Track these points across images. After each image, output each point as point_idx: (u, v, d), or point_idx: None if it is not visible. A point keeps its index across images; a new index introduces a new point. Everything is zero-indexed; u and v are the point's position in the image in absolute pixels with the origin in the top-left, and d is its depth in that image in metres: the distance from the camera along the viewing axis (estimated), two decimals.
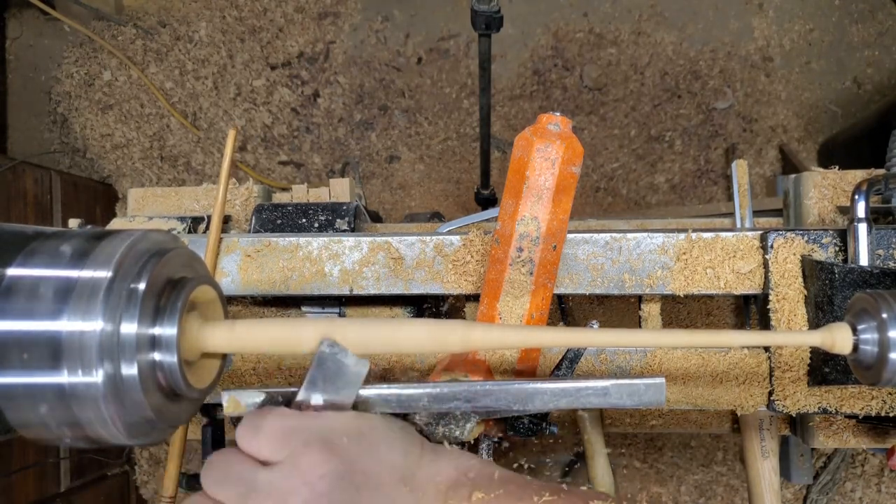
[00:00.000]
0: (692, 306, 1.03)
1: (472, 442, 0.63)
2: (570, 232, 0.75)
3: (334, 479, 0.43)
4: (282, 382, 0.82)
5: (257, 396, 0.51)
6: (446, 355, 0.67)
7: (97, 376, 0.41)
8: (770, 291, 0.73)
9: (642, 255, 0.76)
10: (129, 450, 2.06)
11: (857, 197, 0.70)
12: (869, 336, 0.52)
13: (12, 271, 0.42)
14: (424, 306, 0.93)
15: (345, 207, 0.91)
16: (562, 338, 0.53)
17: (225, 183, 0.86)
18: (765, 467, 0.94)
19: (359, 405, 0.51)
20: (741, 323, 0.99)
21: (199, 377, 0.49)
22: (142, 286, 0.43)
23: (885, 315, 0.51)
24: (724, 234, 0.76)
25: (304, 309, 0.89)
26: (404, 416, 0.54)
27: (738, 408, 0.76)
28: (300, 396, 0.48)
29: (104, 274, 0.42)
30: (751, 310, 0.86)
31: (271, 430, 0.46)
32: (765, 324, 0.75)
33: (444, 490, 0.47)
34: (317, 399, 0.48)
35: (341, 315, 0.89)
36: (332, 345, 0.47)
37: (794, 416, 0.93)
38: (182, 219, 0.93)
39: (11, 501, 1.63)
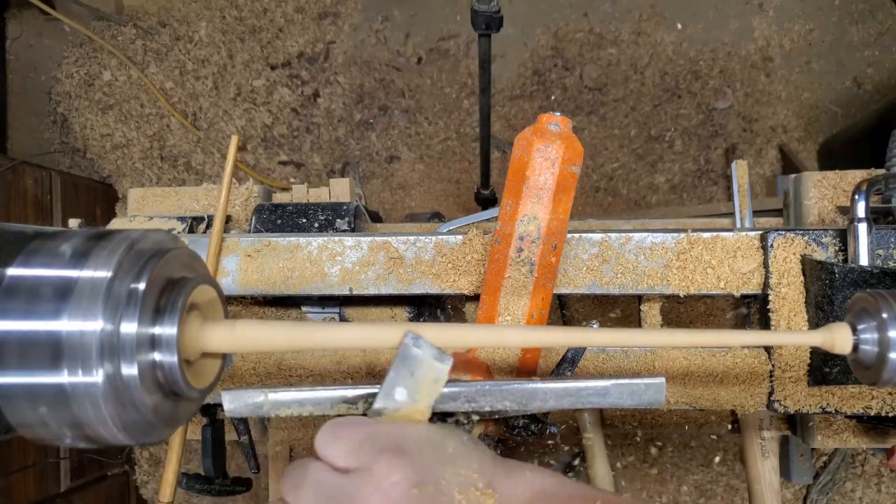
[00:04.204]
0: (692, 306, 1.03)
1: None
2: (570, 232, 0.75)
3: (407, 487, 0.43)
4: (281, 382, 0.82)
5: (258, 396, 0.51)
6: None
7: (97, 376, 0.41)
8: (770, 291, 0.73)
9: (642, 254, 0.76)
10: (129, 450, 2.06)
11: (857, 197, 0.70)
12: (869, 336, 0.52)
13: (12, 271, 0.42)
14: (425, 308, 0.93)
15: (345, 207, 0.91)
16: (562, 338, 0.53)
17: (227, 187, 0.86)
18: (765, 467, 0.94)
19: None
20: (741, 323, 0.99)
21: (199, 377, 0.49)
22: (142, 286, 0.43)
23: (885, 315, 0.51)
24: (724, 234, 0.76)
25: (304, 309, 0.89)
26: None
27: (738, 408, 0.76)
28: (381, 394, 0.48)
29: (104, 274, 0.42)
30: (751, 310, 0.86)
31: (346, 438, 0.46)
32: (765, 324, 0.75)
33: None
34: (401, 394, 0.48)
35: (341, 315, 0.89)
36: (416, 338, 0.47)
37: (793, 415, 0.93)
38: (182, 219, 0.93)
39: (11, 501, 1.63)
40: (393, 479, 0.43)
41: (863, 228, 0.69)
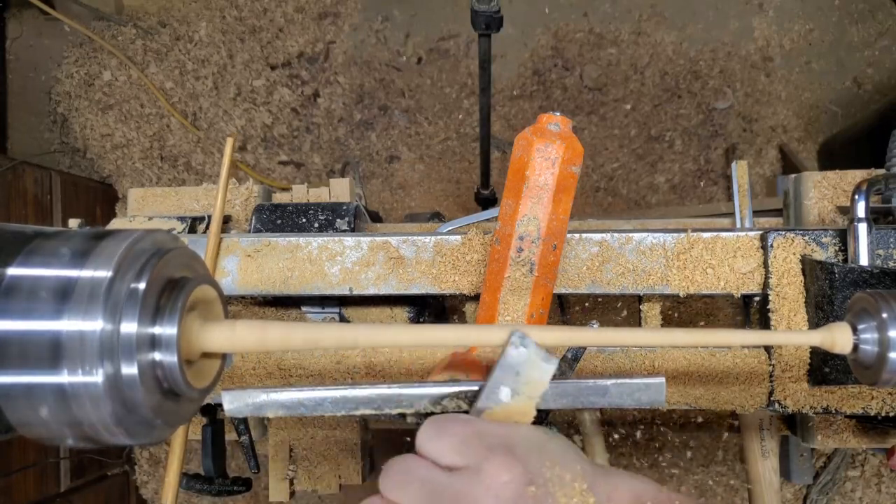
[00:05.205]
0: (692, 306, 1.03)
1: None
2: (570, 232, 0.75)
3: (520, 487, 0.43)
4: (281, 382, 0.82)
5: (258, 396, 0.51)
6: (446, 355, 0.67)
7: (97, 376, 0.41)
8: (770, 291, 0.73)
9: (642, 254, 0.76)
10: (129, 450, 2.06)
11: (857, 197, 0.70)
12: (869, 336, 0.52)
13: (12, 271, 0.42)
14: (426, 307, 0.93)
15: (345, 207, 0.91)
16: (562, 338, 0.52)
17: (223, 189, 0.86)
18: (765, 467, 0.94)
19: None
20: (741, 323, 0.99)
21: (199, 377, 0.49)
22: (142, 286, 0.43)
23: (885, 315, 0.51)
24: (724, 234, 0.76)
25: (303, 309, 0.89)
26: (402, 416, 0.54)
27: (738, 408, 0.76)
28: (485, 393, 0.48)
29: (104, 274, 0.42)
30: (751, 310, 0.86)
31: (455, 435, 0.45)
32: (765, 324, 0.75)
33: None
34: (505, 393, 0.47)
35: (341, 315, 0.89)
36: (523, 337, 0.46)
37: (793, 415, 0.93)
38: (182, 219, 0.93)
39: (11, 501, 1.64)
40: (504, 478, 0.42)
41: (863, 228, 0.69)
